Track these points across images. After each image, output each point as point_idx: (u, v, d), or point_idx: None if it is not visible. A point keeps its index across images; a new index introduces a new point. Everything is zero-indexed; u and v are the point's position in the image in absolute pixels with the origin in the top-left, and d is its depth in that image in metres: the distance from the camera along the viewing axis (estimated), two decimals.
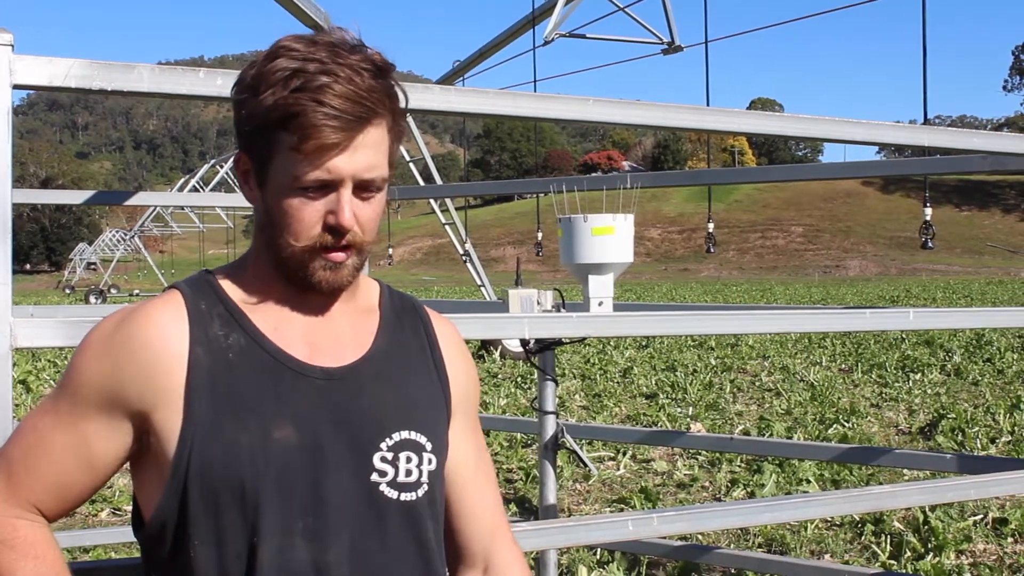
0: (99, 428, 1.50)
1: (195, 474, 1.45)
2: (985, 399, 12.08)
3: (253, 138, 1.50)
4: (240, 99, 1.50)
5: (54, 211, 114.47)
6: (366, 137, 1.46)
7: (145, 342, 1.49)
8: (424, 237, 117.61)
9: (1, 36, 1.87)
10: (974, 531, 6.40)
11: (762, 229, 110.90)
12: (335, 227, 1.48)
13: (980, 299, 37.98)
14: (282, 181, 1.48)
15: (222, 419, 1.46)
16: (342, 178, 1.46)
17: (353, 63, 1.44)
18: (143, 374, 1.47)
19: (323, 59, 1.43)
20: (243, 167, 1.56)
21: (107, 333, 1.52)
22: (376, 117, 1.47)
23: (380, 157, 1.50)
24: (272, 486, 1.46)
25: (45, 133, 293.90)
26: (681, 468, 8.46)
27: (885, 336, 19.19)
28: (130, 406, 1.48)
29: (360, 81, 1.44)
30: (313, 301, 1.59)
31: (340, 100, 1.42)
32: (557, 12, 11.20)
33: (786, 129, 2.83)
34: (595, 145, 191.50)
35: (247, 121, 1.49)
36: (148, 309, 1.54)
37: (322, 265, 1.51)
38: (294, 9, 4.93)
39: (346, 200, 1.47)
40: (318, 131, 1.42)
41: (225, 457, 1.45)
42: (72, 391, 1.51)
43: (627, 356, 17.40)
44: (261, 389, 1.50)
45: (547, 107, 2.49)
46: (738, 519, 3.14)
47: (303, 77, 1.42)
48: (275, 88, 1.43)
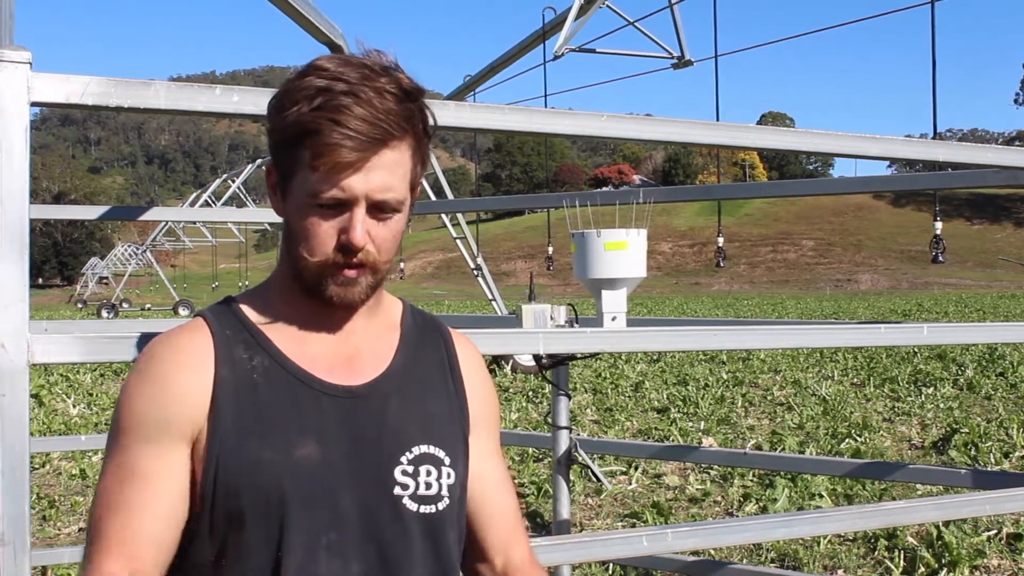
0: (163, 462, 1.51)
1: (220, 491, 1.48)
2: (998, 413, 12.02)
3: (279, 152, 1.53)
4: (269, 114, 1.54)
5: (66, 225, 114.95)
6: (382, 159, 1.48)
7: (182, 366, 1.52)
8: (435, 251, 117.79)
9: (19, 54, 1.88)
10: (988, 546, 6.37)
11: (773, 243, 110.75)
12: (347, 245, 1.50)
13: (993, 313, 37.83)
14: (301, 196, 1.51)
15: (247, 437, 1.49)
16: (355, 197, 1.48)
17: (380, 85, 1.47)
18: (186, 396, 1.51)
19: (350, 79, 1.45)
20: (271, 179, 1.60)
21: (143, 372, 1.55)
22: (393, 140, 1.49)
23: (397, 179, 1.52)
24: (296, 502, 1.48)
25: (58, 148, 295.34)
26: (693, 483, 8.43)
27: (897, 350, 19.12)
28: (182, 431, 1.51)
29: (381, 104, 1.46)
30: (334, 317, 1.61)
31: (358, 121, 1.44)
32: (567, 27, 11.24)
33: (799, 144, 2.83)
34: (606, 159, 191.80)
35: (273, 136, 1.53)
36: (174, 337, 1.57)
37: (335, 281, 1.54)
38: (307, 25, 4.94)
39: (358, 219, 1.49)
40: (332, 150, 1.44)
41: (250, 474, 1.48)
42: (128, 439, 1.52)
43: (639, 370, 17.37)
44: (284, 408, 1.53)
45: (561, 123, 2.50)
46: (752, 535, 3.13)
47: (326, 96, 1.44)
48: (300, 105, 1.46)
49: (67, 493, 8.51)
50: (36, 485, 8.67)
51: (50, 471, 9.40)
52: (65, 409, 13.68)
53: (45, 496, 8.27)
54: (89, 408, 13.83)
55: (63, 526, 7.47)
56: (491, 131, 2.46)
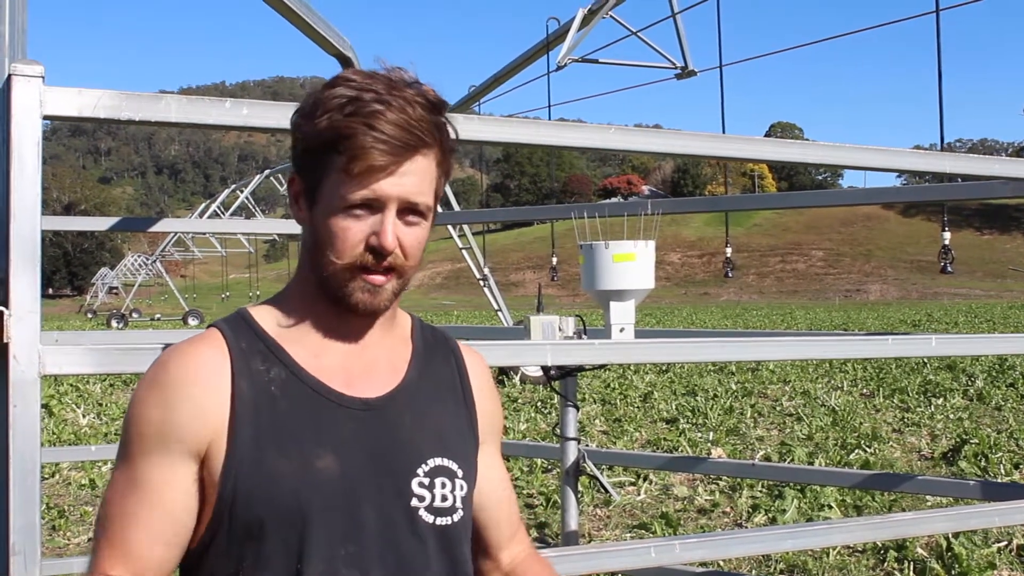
0: (171, 474, 1.52)
1: (240, 503, 1.49)
2: (1008, 424, 11.98)
3: (306, 159, 1.56)
4: (298, 123, 1.56)
5: (76, 236, 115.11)
6: (413, 164, 1.52)
7: (194, 378, 1.53)
8: (444, 261, 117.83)
9: (32, 68, 1.90)
10: (998, 558, 6.34)
11: (782, 253, 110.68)
12: (377, 248, 1.52)
13: (1003, 323, 37.68)
14: (331, 201, 1.53)
15: (265, 450, 1.50)
16: (388, 200, 1.51)
17: (408, 96, 1.51)
18: (197, 409, 1.51)
19: (379, 90, 1.49)
20: (295, 188, 1.61)
21: (153, 381, 1.55)
22: (425, 147, 1.53)
23: (427, 185, 1.55)
24: (315, 515, 1.50)
25: (68, 159, 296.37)
26: (702, 493, 8.41)
27: (907, 361, 19.07)
28: (190, 445, 1.51)
29: (412, 112, 1.50)
30: (352, 327, 1.63)
31: (391, 127, 1.47)
32: (570, 37, 11.28)
33: (807, 156, 2.84)
34: (615, 170, 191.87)
35: (302, 143, 1.55)
36: (189, 348, 1.58)
37: (361, 287, 1.55)
38: (316, 37, 4.96)
39: (389, 222, 1.52)
40: (367, 153, 1.47)
41: (269, 487, 1.49)
42: (136, 450, 1.53)
43: (647, 381, 17.34)
44: (302, 420, 1.54)
45: (569, 136, 2.51)
46: (761, 546, 3.13)
47: (358, 104, 1.48)
48: (331, 113, 1.49)
49: (77, 503, 8.52)
50: (46, 495, 8.68)
51: (60, 481, 9.42)
52: (75, 419, 13.70)
53: (55, 506, 8.29)
54: (99, 418, 13.85)
55: (72, 536, 7.48)
56: (499, 143, 2.48)
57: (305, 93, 1.61)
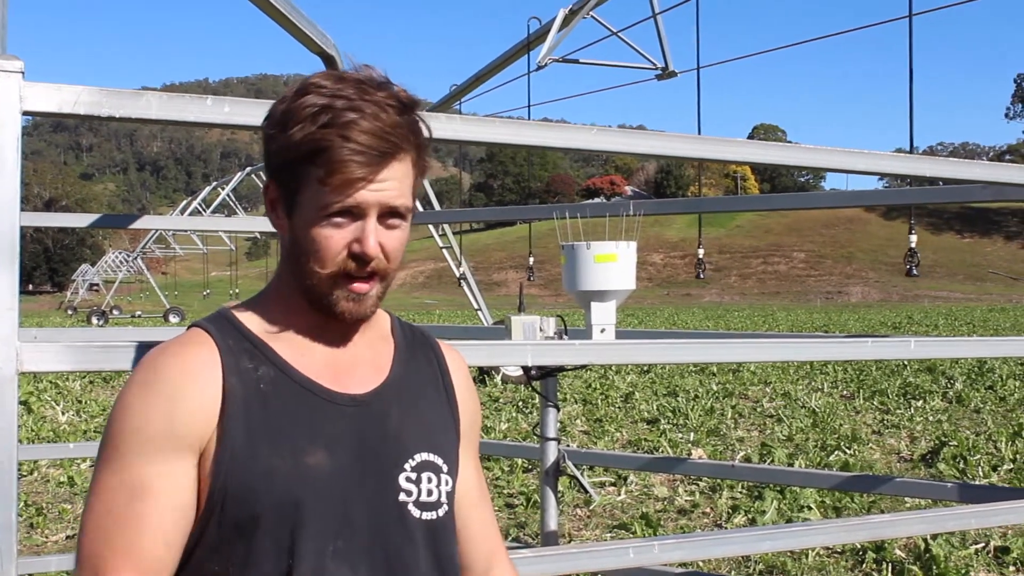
0: (171, 476, 1.50)
1: (232, 500, 1.49)
2: (987, 427, 12.06)
3: (282, 171, 1.54)
4: (270, 134, 1.55)
5: (57, 232, 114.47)
6: (391, 171, 1.51)
7: (190, 376, 1.51)
8: (426, 260, 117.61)
9: (11, 63, 1.89)
10: (975, 560, 6.39)
11: (764, 254, 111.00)
12: (360, 255, 1.52)
13: (982, 326, 37.93)
14: (310, 211, 1.52)
15: (257, 446, 1.50)
16: (368, 207, 1.50)
17: (379, 100, 1.49)
18: (195, 406, 1.50)
19: (350, 96, 1.48)
20: (272, 195, 1.60)
21: (145, 382, 1.53)
22: (400, 152, 1.52)
23: (405, 188, 1.55)
24: (308, 510, 1.50)
25: (49, 154, 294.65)
26: (682, 494, 8.44)
27: (887, 363, 19.17)
28: (191, 443, 1.50)
29: (386, 117, 1.48)
30: (334, 329, 1.63)
31: (366, 136, 1.46)
32: (551, 37, 11.29)
33: (786, 159, 2.85)
34: (598, 170, 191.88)
35: (277, 155, 1.54)
36: (180, 348, 1.57)
37: (345, 296, 1.55)
38: (299, 35, 4.96)
39: (371, 228, 1.52)
40: (344, 165, 1.46)
41: (261, 483, 1.49)
42: (132, 453, 1.49)
43: (629, 381, 17.38)
44: (293, 417, 1.54)
45: (550, 136, 2.51)
46: (739, 547, 3.14)
47: (330, 113, 1.46)
48: (304, 124, 1.47)
49: (55, 500, 8.49)
50: (24, 492, 8.63)
51: (38, 478, 9.37)
52: (54, 416, 13.64)
53: (33, 504, 8.24)
54: (78, 415, 13.79)
55: (51, 534, 7.45)
56: (481, 143, 2.48)
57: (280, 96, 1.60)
